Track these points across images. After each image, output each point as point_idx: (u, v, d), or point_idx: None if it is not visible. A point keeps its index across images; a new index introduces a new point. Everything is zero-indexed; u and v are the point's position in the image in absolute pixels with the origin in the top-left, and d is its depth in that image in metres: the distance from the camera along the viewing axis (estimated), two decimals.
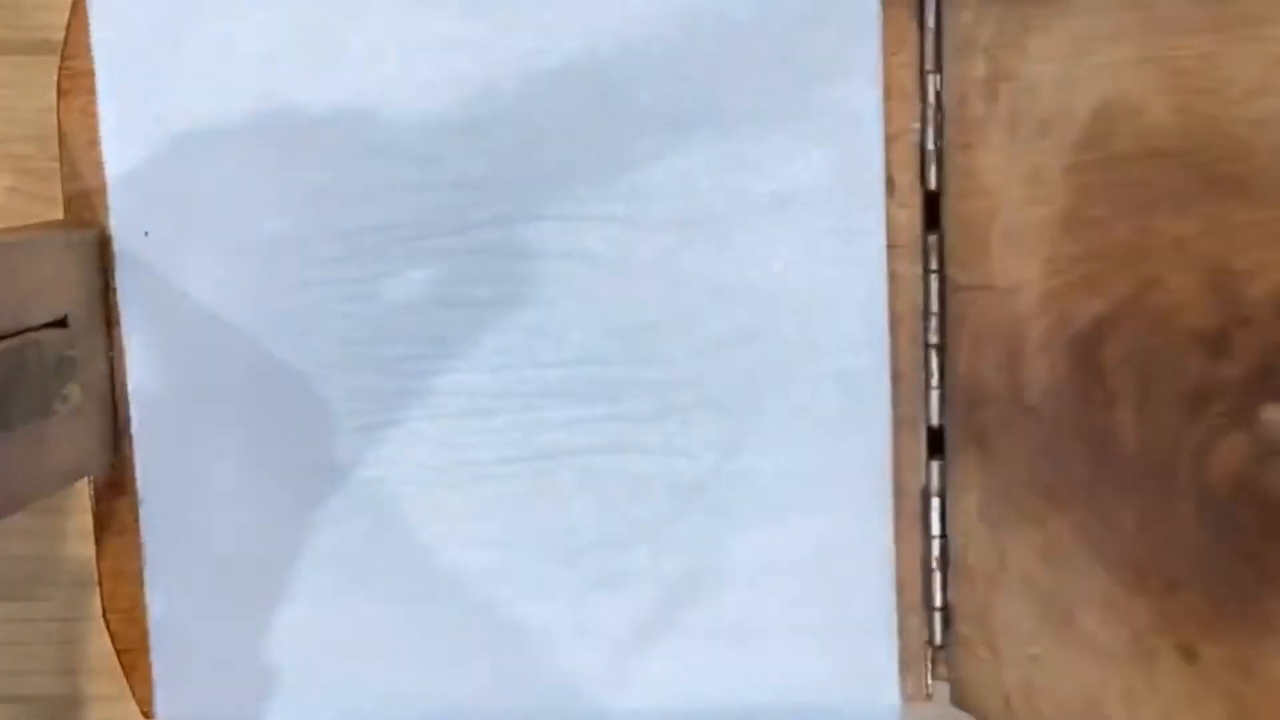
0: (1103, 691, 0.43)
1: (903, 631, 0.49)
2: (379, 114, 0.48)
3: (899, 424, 0.48)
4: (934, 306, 0.48)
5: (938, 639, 0.49)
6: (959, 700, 0.49)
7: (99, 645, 0.51)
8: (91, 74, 0.48)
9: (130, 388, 0.49)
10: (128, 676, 0.50)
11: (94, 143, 0.48)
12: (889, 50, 0.47)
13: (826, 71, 0.47)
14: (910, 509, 0.49)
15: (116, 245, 0.48)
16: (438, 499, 0.49)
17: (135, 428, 0.49)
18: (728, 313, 0.48)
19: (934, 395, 0.48)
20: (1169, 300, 0.40)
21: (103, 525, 0.50)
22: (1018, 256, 0.44)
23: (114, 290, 0.48)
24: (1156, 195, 0.40)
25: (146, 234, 0.48)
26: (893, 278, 0.48)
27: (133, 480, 0.49)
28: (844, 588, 0.49)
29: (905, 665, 0.49)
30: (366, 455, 0.49)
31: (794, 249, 0.48)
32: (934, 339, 0.48)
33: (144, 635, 0.50)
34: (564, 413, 0.49)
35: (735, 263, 0.48)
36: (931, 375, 0.48)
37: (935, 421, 0.48)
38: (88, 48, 0.48)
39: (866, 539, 0.49)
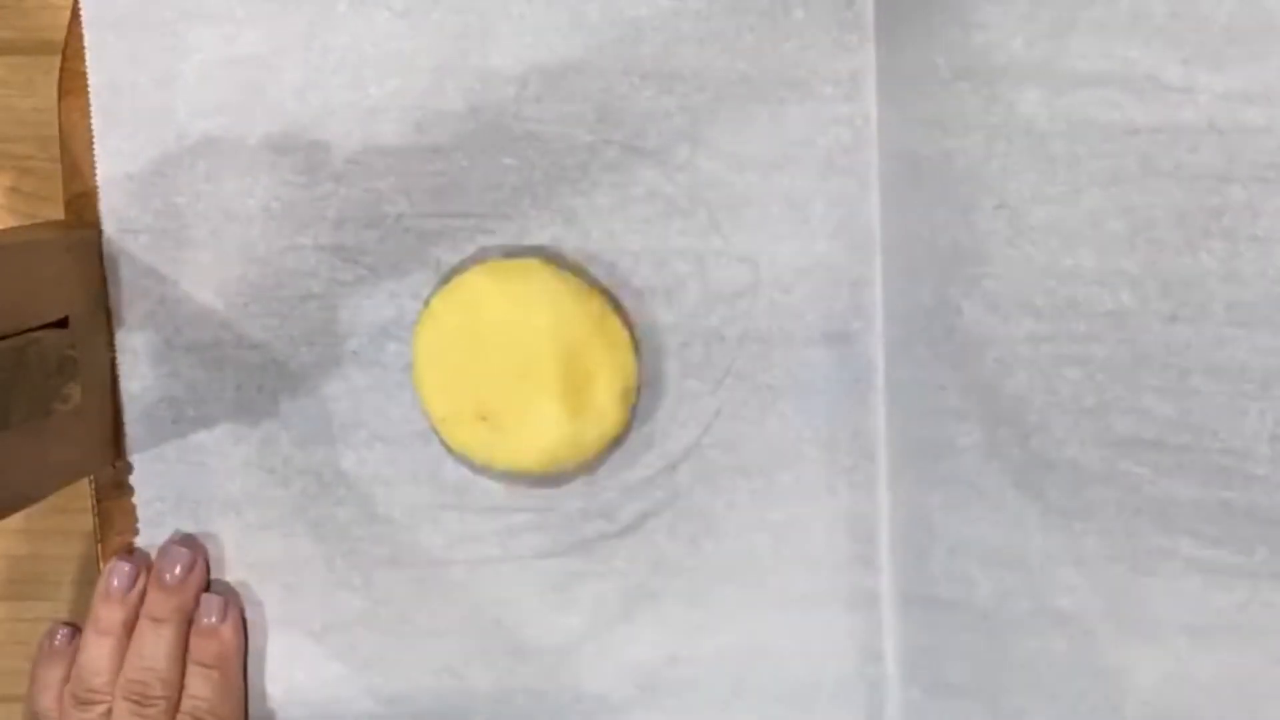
0: None
1: None
2: (377, 109, 0.48)
3: None
4: None
5: None
6: None
7: None
8: None
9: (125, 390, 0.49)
10: None
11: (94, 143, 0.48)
12: None
13: (829, 40, 0.47)
14: None
15: (108, 245, 0.48)
16: (432, 485, 0.49)
17: (131, 428, 0.49)
18: (718, 279, 0.48)
19: None
20: None
21: (103, 525, 0.50)
22: None
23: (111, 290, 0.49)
24: None
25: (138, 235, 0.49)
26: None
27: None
28: (832, 554, 0.49)
29: None
30: (361, 447, 0.49)
31: (787, 216, 0.48)
32: None
33: None
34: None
35: (727, 229, 0.48)
36: None
37: None
38: None
39: (855, 505, 0.49)
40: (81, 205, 0.48)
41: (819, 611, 0.49)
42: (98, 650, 0.48)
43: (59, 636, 0.49)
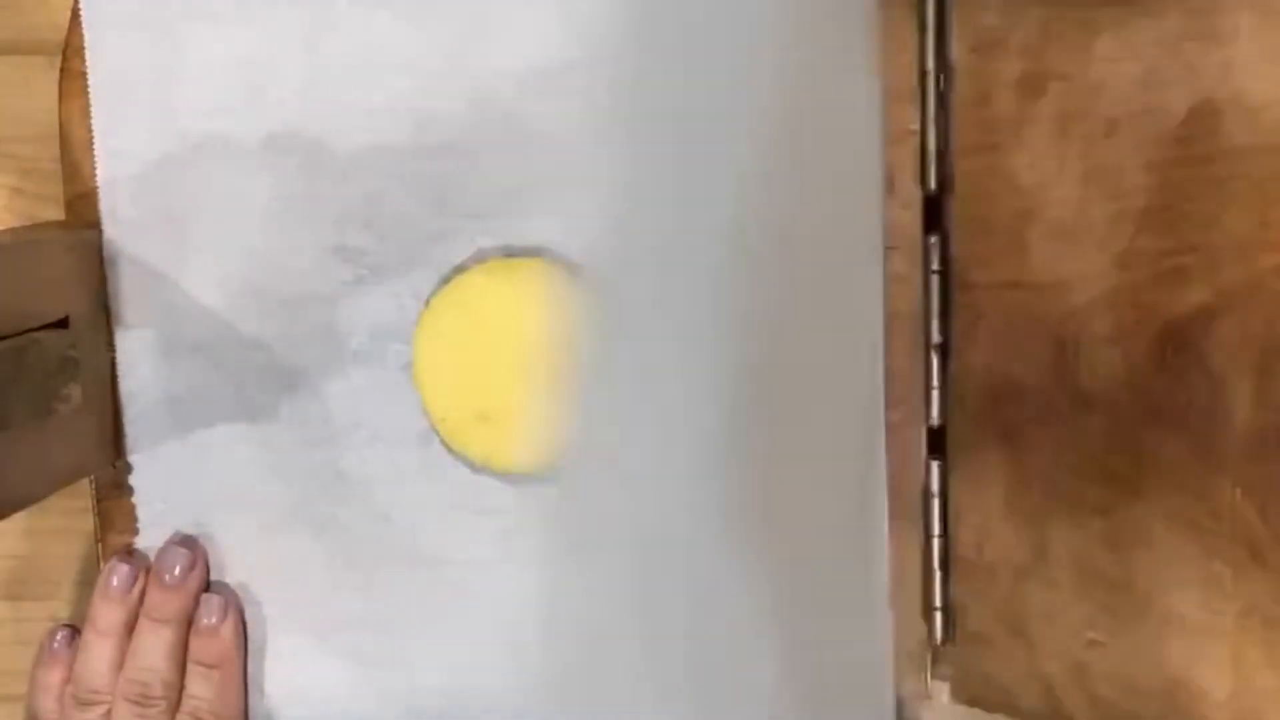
0: (1204, 664, 0.43)
1: (901, 632, 0.49)
2: (377, 109, 0.48)
3: (897, 425, 0.48)
4: (935, 307, 0.48)
5: (938, 638, 0.49)
6: (970, 698, 0.49)
7: None
8: None
9: (124, 389, 0.49)
10: None
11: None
12: (889, 52, 0.47)
13: (826, 64, 0.47)
14: (909, 509, 0.49)
15: (108, 246, 0.48)
16: (432, 485, 0.49)
17: (130, 428, 0.49)
18: (730, 279, 0.48)
19: (934, 395, 0.48)
20: None
21: (103, 525, 0.50)
22: (1071, 253, 0.44)
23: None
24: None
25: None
26: (893, 279, 0.48)
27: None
28: (833, 553, 0.49)
29: (903, 665, 0.49)
30: (362, 447, 0.49)
31: (797, 217, 0.48)
32: (936, 339, 0.48)
33: None
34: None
35: (739, 247, 0.48)
36: (932, 376, 0.48)
37: (936, 421, 0.48)
38: None
39: (865, 515, 0.49)
40: (81, 205, 0.48)
41: (820, 609, 0.49)
42: (98, 651, 0.48)
43: (58, 638, 0.49)
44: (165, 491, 0.50)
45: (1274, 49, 0.40)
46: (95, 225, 0.48)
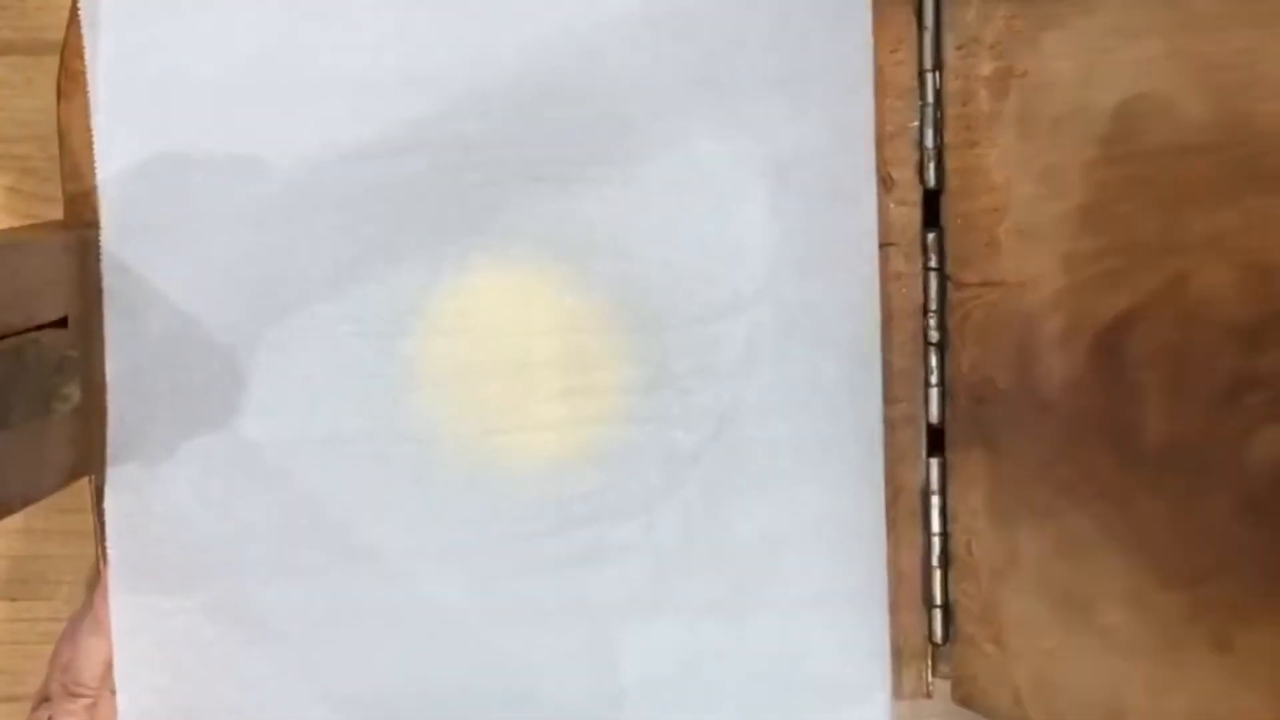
0: (1125, 684, 0.42)
1: (902, 629, 0.49)
2: (380, 109, 0.48)
3: (896, 422, 0.48)
4: (933, 304, 0.48)
5: (938, 636, 0.49)
6: (962, 698, 0.49)
7: None
8: None
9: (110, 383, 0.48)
10: None
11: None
12: (887, 48, 0.47)
13: (821, 35, 0.47)
14: (909, 506, 0.49)
15: (108, 246, 0.48)
16: (425, 474, 0.49)
17: (111, 426, 0.48)
18: (726, 278, 0.48)
19: (934, 393, 0.48)
20: (1202, 294, 0.40)
21: (103, 525, 0.50)
22: (1030, 253, 0.44)
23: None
24: (1188, 190, 0.40)
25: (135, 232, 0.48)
26: (892, 276, 0.48)
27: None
28: (838, 559, 0.49)
29: (905, 663, 0.49)
30: (349, 438, 0.49)
31: (793, 214, 0.48)
32: (934, 337, 0.48)
33: None
34: (559, 383, 0.49)
35: (734, 227, 0.48)
36: (931, 373, 0.48)
37: (935, 419, 0.48)
38: None
39: (861, 510, 0.49)
40: (81, 205, 0.48)
41: (820, 612, 0.49)
42: (91, 647, 0.48)
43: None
44: (141, 495, 0.49)
45: (1186, 47, 0.40)
46: (95, 225, 0.48)
